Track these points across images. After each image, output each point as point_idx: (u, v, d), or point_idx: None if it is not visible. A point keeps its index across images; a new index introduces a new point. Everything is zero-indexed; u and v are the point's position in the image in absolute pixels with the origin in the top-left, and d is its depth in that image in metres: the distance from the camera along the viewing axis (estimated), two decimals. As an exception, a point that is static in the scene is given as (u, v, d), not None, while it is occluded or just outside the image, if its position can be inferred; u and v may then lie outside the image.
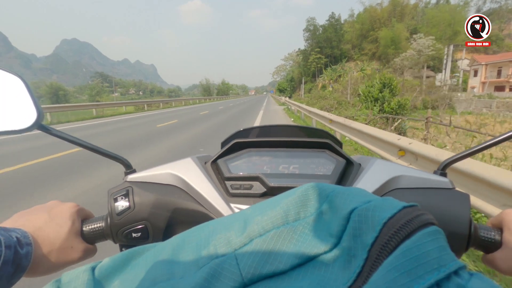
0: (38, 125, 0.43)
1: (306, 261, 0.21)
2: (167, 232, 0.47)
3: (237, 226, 0.24)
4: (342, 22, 59.55)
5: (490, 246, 0.40)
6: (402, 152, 2.59)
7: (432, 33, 42.99)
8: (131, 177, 0.50)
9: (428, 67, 41.11)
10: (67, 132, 0.46)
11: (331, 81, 46.39)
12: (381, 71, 42.80)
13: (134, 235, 0.46)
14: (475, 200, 1.68)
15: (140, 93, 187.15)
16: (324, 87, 49.01)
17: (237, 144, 0.53)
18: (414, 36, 39.93)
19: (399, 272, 0.16)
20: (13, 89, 0.42)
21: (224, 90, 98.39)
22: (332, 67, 47.78)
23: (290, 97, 56.98)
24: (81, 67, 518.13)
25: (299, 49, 67.88)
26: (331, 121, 6.18)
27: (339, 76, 45.34)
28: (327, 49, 55.51)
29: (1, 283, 0.31)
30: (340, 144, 0.59)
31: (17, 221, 0.39)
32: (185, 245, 0.24)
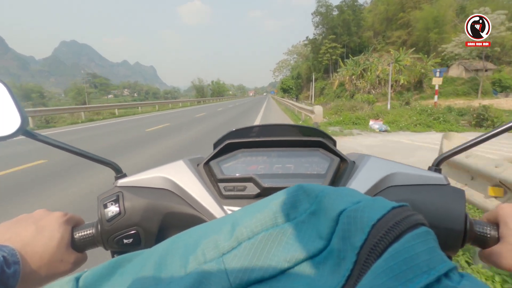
0: (22, 131, 0.42)
1: (295, 264, 0.20)
2: (159, 237, 0.46)
3: (226, 229, 0.23)
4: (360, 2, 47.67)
5: (486, 241, 0.39)
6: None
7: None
8: (122, 181, 0.49)
9: (486, 57, 29.57)
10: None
11: (353, 77, 34.64)
12: (424, 61, 31.29)
13: (125, 241, 0.45)
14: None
15: (135, 94, 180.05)
16: (342, 85, 37.36)
17: (230, 144, 0.52)
18: (475, 10, 28.15)
19: (388, 276, 0.16)
20: None
21: (218, 91, 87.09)
22: (353, 58, 35.99)
23: (297, 99, 45.27)
24: (79, 69, 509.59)
25: (307, 37, 53.71)
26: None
27: (364, 69, 33.64)
28: (344, 36, 43.33)
29: None
30: (334, 142, 0.58)
31: (3, 235, 0.38)
32: (173, 251, 0.24)
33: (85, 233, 0.44)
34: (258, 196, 0.47)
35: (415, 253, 0.16)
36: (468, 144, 0.45)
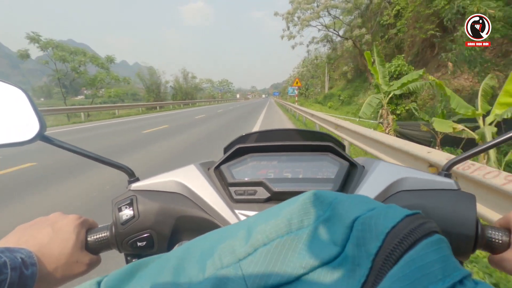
0: (40, 136, 0.43)
1: (310, 270, 0.21)
2: (172, 240, 0.48)
3: (241, 235, 0.24)
4: None
5: (497, 246, 0.39)
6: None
7: None
8: (135, 185, 0.50)
9: None
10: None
11: None
12: None
13: (139, 244, 0.46)
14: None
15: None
16: None
17: (240, 149, 0.53)
18: None
19: (403, 283, 0.16)
20: (15, 101, 0.42)
21: (188, 91, 47.50)
22: None
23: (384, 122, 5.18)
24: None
25: None
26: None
27: None
28: None
29: None
30: (343, 146, 0.59)
31: (21, 237, 0.39)
32: (190, 255, 0.24)
33: (100, 235, 0.45)
34: (268, 200, 0.47)
35: (429, 261, 0.17)
36: (478, 149, 0.45)
